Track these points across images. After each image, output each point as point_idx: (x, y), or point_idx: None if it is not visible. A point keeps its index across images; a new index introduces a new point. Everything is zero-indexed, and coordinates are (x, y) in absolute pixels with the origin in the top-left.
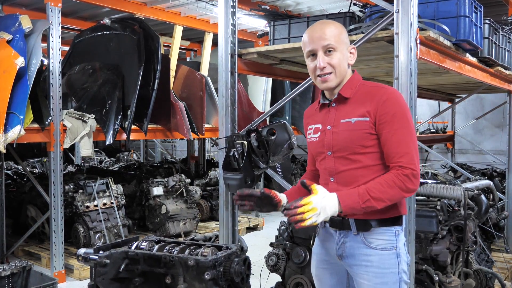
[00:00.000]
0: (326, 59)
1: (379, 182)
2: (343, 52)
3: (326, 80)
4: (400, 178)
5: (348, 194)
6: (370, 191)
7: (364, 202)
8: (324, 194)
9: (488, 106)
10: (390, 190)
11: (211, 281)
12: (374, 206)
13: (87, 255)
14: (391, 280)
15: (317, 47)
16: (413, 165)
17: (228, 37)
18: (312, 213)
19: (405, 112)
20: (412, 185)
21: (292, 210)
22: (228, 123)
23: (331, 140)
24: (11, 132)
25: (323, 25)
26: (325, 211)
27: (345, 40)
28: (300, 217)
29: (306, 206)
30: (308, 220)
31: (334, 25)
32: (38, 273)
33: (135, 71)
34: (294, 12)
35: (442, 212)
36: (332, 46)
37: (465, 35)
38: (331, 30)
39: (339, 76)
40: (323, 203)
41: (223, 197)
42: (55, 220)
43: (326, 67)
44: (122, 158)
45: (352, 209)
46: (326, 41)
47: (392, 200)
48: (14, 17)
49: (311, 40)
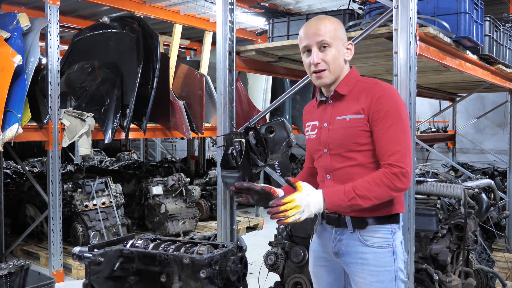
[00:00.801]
0: (320, 55)
1: (367, 180)
2: (339, 48)
3: (321, 77)
4: (388, 177)
5: (334, 192)
6: (356, 189)
7: (350, 199)
8: (308, 191)
9: (489, 105)
10: (377, 188)
11: (207, 280)
12: (360, 204)
13: (81, 253)
14: (387, 278)
15: (312, 43)
16: (402, 163)
17: (226, 34)
18: (295, 210)
19: (399, 109)
20: (401, 184)
21: (275, 208)
22: (226, 121)
23: (327, 137)
24: (8, 131)
25: (319, 21)
26: (309, 208)
27: (341, 36)
28: (282, 214)
29: (289, 203)
30: (290, 217)
31: (329, 20)
32: (36, 273)
33: (134, 69)
34: (294, 10)
35: (442, 211)
36: (327, 42)
37: (466, 31)
38: (326, 26)
39: (334, 73)
40: (307, 200)
41: (221, 196)
42: (54, 219)
43: (320, 63)
44: (122, 158)
45: (337, 207)
46: (320, 37)
47: (379, 198)
48: (12, 15)
49: (306, 36)
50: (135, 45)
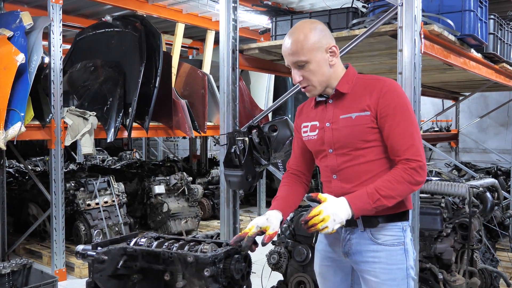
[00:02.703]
0: (299, 73)
1: (387, 179)
2: (317, 59)
3: (308, 91)
4: (408, 172)
5: (357, 196)
6: (380, 190)
7: (375, 201)
8: (333, 200)
9: (492, 104)
10: (399, 186)
11: (211, 278)
12: (385, 205)
13: (84, 251)
14: (399, 276)
15: (289, 63)
16: (419, 157)
17: (229, 33)
18: (325, 223)
19: (406, 103)
20: (420, 177)
21: (304, 225)
22: (229, 119)
23: (331, 137)
24: (11, 129)
25: (291, 38)
26: (339, 216)
27: (318, 45)
28: (314, 228)
29: (317, 217)
30: (324, 230)
31: (302, 33)
32: (38, 271)
33: (137, 68)
34: (296, 9)
35: (447, 210)
36: (302, 60)
37: (470, 29)
38: (297, 43)
39: (319, 84)
40: (333, 209)
41: (224, 194)
42: (56, 218)
43: (302, 80)
44: (125, 157)
45: (363, 211)
46: (294, 57)
47: (402, 195)
48: (15, 13)
49: (284, 55)
50: (137, 44)
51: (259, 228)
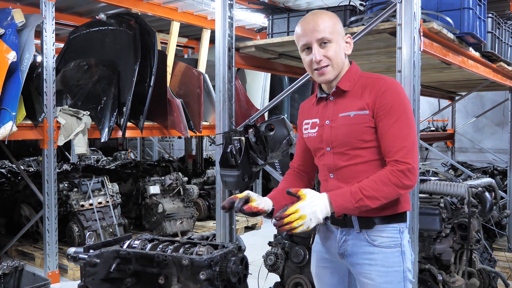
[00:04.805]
0: (321, 52)
1: (373, 179)
2: (339, 42)
3: (324, 73)
4: (395, 174)
5: (340, 194)
6: (363, 190)
7: (357, 201)
8: (312, 198)
9: (488, 104)
10: (385, 187)
11: (207, 282)
12: (368, 205)
13: (76, 255)
14: (396, 279)
15: (312, 40)
16: (409, 160)
17: (225, 30)
18: (301, 221)
19: (404, 104)
20: (408, 181)
21: (279, 222)
22: (225, 118)
23: (329, 135)
24: (2, 129)
25: (316, 17)
26: (316, 215)
27: (339, 30)
28: (288, 226)
29: (293, 215)
30: (298, 228)
31: (327, 15)
32: (30, 273)
33: (131, 67)
34: (293, 7)
35: (446, 210)
36: (327, 38)
37: (469, 27)
38: (324, 21)
39: (336, 68)
40: (311, 208)
41: (220, 195)
42: (49, 219)
43: (323, 60)
44: (119, 157)
45: (344, 209)
46: (320, 34)
47: (387, 198)
48: (6, 11)
49: (305, 33)
50: (132, 42)
51: (249, 196)
